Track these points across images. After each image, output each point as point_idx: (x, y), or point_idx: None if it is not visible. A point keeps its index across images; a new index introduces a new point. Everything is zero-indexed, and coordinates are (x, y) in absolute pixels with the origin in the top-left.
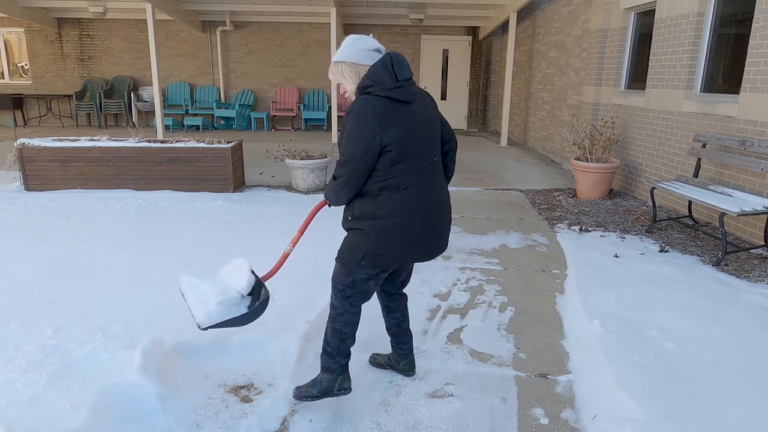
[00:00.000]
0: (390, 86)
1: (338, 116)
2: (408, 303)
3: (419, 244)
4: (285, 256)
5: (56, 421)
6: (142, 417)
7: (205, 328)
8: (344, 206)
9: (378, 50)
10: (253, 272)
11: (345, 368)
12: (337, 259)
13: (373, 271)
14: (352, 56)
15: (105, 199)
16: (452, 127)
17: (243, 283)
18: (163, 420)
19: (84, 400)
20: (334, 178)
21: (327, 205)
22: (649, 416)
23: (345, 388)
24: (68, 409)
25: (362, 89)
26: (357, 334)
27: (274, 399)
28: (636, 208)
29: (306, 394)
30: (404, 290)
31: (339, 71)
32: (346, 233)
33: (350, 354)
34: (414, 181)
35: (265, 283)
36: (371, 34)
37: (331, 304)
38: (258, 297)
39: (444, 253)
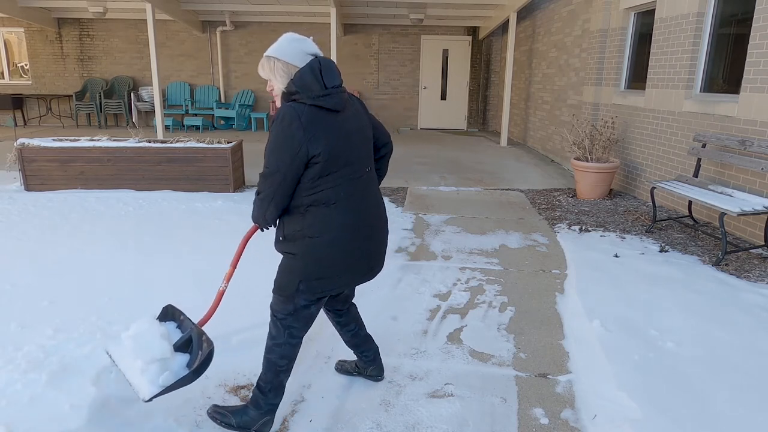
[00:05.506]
0: (317, 94)
1: None
2: (410, 303)
3: (357, 263)
4: (220, 295)
5: (56, 421)
6: (142, 417)
7: (150, 399)
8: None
9: (315, 56)
10: (188, 319)
11: (273, 410)
12: (273, 289)
13: (313, 296)
14: (288, 55)
15: (105, 199)
16: (452, 127)
17: (164, 344)
18: (163, 420)
19: (84, 400)
20: (258, 194)
21: (260, 230)
22: (649, 416)
23: None
24: (68, 409)
25: (288, 95)
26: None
27: None
28: (636, 208)
29: (220, 418)
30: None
31: (271, 68)
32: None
33: (282, 394)
34: (344, 195)
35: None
36: (311, 37)
37: (270, 334)
38: (200, 349)
39: (444, 253)
